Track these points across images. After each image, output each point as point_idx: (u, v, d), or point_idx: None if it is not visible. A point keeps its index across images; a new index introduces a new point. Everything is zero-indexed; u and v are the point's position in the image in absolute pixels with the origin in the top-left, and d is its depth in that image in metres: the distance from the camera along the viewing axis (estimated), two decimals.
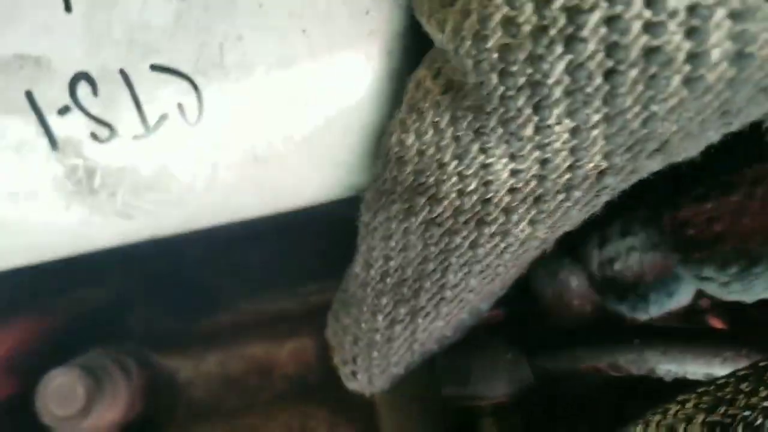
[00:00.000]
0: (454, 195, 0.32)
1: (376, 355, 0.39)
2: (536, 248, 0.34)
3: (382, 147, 0.37)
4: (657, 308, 0.42)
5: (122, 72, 0.37)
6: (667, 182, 0.38)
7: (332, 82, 0.38)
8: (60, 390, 0.52)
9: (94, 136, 0.38)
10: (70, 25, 0.36)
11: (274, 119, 0.39)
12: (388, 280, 0.37)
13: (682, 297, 0.42)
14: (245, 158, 0.41)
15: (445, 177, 0.32)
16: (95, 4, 0.36)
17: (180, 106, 0.38)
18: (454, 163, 0.31)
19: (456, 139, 0.30)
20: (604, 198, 0.31)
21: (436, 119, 0.31)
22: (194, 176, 0.41)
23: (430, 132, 0.31)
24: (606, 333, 0.43)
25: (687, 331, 0.39)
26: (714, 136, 0.28)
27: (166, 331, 0.67)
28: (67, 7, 0.37)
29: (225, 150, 0.40)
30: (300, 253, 0.77)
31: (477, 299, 0.38)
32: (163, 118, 0.38)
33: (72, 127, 0.38)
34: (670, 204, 0.37)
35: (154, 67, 0.37)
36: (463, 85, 0.29)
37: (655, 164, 0.29)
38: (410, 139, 0.33)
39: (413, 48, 0.38)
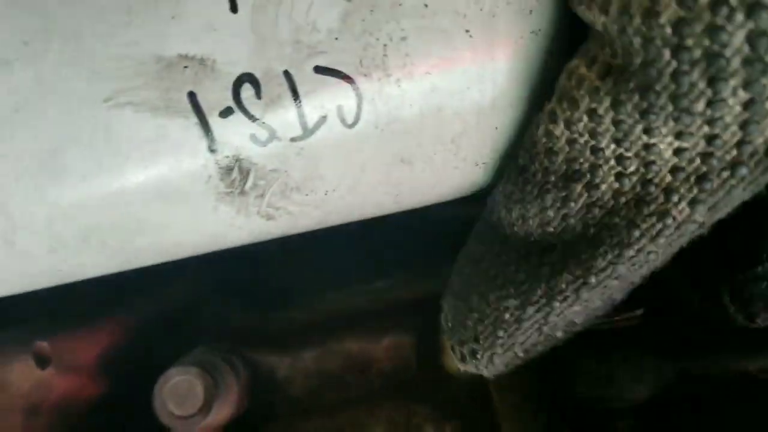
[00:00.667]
0: (612, 178, 0.32)
1: (501, 335, 0.39)
2: (691, 233, 0.34)
3: (526, 141, 0.37)
4: None
5: (286, 74, 0.37)
6: None
7: (488, 83, 0.39)
8: (178, 389, 0.52)
9: (253, 138, 0.38)
10: (235, 25, 0.36)
11: (427, 120, 0.39)
12: (532, 258, 0.37)
13: None
14: (393, 160, 0.41)
15: (601, 162, 0.32)
16: (262, 4, 0.36)
17: (339, 108, 0.38)
18: (612, 146, 0.31)
19: (616, 123, 0.30)
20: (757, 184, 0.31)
21: (593, 105, 0.31)
22: (342, 178, 0.41)
23: (585, 120, 0.32)
24: (754, 338, 0.43)
25: None
26: None
27: (253, 328, 0.67)
28: (233, 8, 0.36)
29: (376, 152, 0.40)
30: (383, 250, 0.77)
31: (618, 287, 0.37)
32: (322, 119, 0.38)
33: (233, 129, 0.38)
34: None
35: (318, 69, 0.37)
36: (627, 67, 0.29)
37: None
38: (559, 129, 0.33)
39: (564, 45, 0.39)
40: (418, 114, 0.39)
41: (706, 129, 0.28)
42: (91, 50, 0.37)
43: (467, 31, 0.37)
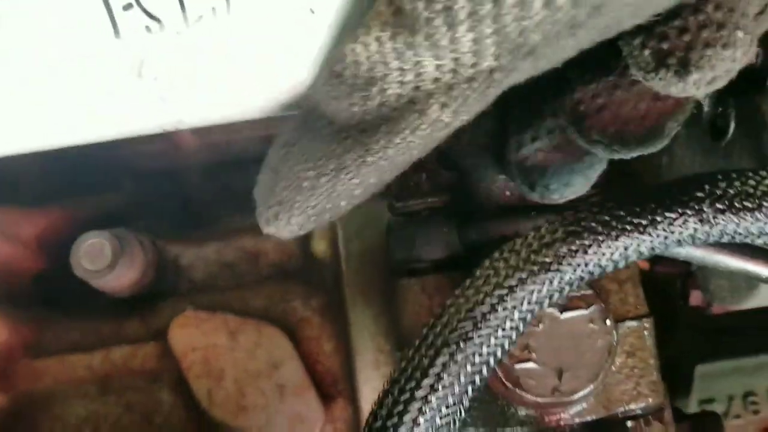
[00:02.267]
0: (396, 84, 0.41)
1: (299, 198, 0.47)
2: (441, 130, 0.43)
3: (340, 53, 0.44)
4: (558, 195, 0.56)
5: None
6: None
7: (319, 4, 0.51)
8: (92, 248, 0.65)
9: (147, 29, 0.51)
10: None
11: (283, 20, 0.52)
12: (332, 143, 0.46)
13: (577, 188, 0.56)
14: (258, 54, 0.54)
15: (389, 72, 0.41)
16: None
17: (213, 9, 0.51)
18: (395, 62, 0.40)
19: (394, 48, 0.40)
20: (494, 91, 0.41)
21: (379, 35, 0.40)
22: (217, 66, 0.54)
23: (375, 43, 0.41)
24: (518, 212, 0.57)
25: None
26: (570, 43, 0.39)
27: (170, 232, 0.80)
28: None
29: (243, 47, 0.53)
30: None
31: (388, 168, 0.46)
32: (200, 17, 0.51)
33: (131, 20, 0.50)
34: (571, 93, 0.51)
35: None
36: (403, 11, 0.38)
37: (527, 65, 0.40)
38: (359, 47, 0.41)
39: None
40: (275, 18, 0.51)
41: (452, 54, 0.38)
42: None
43: None
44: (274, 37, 0.52)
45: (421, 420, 0.46)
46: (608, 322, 0.53)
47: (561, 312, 0.54)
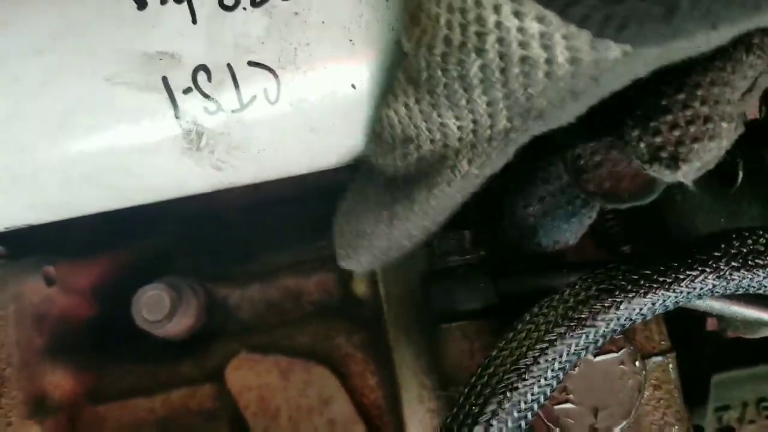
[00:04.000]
0: (428, 142, 0.47)
1: (361, 242, 0.55)
2: (472, 181, 0.49)
3: (380, 118, 0.52)
4: (549, 249, 0.63)
5: (228, 66, 0.54)
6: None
7: (367, 75, 0.56)
8: (151, 299, 0.70)
9: (206, 110, 0.55)
10: (195, 32, 0.54)
11: (326, 101, 0.57)
12: (384, 193, 0.53)
13: (565, 242, 0.62)
14: (304, 129, 0.59)
15: (420, 132, 0.47)
16: (214, 18, 0.54)
17: (265, 90, 0.55)
18: (423, 124, 0.46)
19: (421, 111, 0.46)
20: (512, 148, 0.47)
21: (406, 100, 0.46)
22: (269, 140, 0.59)
23: (403, 109, 0.47)
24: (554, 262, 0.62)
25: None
26: (574, 107, 0.42)
27: (215, 271, 0.85)
28: (194, 21, 0.54)
29: (292, 121, 0.58)
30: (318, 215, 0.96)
31: (436, 214, 0.52)
32: (253, 98, 0.55)
33: (191, 102, 0.55)
34: (573, 148, 0.56)
35: (250, 63, 0.55)
36: (420, 78, 0.44)
37: (538, 126, 0.45)
38: (392, 112, 0.48)
39: None
40: (319, 96, 0.56)
41: (470, 116, 0.43)
42: (99, 44, 0.54)
43: (350, 40, 0.55)
44: (320, 111, 0.57)
45: None
46: (637, 363, 0.59)
47: (594, 356, 0.59)
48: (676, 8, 0.33)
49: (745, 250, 0.49)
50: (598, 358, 0.59)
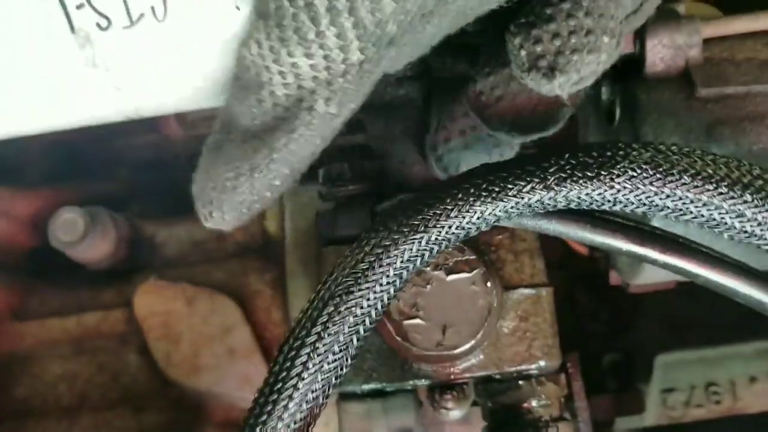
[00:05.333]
0: (281, 86, 0.45)
1: (225, 197, 0.52)
2: (332, 121, 0.47)
3: (237, 59, 0.49)
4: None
5: None
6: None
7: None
8: (65, 221, 0.74)
9: (98, 26, 0.58)
10: None
11: (213, 21, 0.59)
12: (244, 144, 0.50)
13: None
14: (194, 51, 0.61)
15: (272, 75, 0.44)
16: None
17: (153, 8, 0.58)
18: (273, 65, 0.44)
19: (271, 48, 0.43)
20: (368, 80, 0.45)
21: (257, 36, 0.44)
22: (161, 62, 0.61)
23: (255, 46, 0.44)
24: None
25: None
26: (429, 30, 0.43)
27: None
28: None
29: (182, 43, 0.60)
30: None
31: (297, 160, 0.50)
32: (141, 15, 0.58)
33: (85, 18, 0.58)
34: (474, 84, 0.54)
35: None
36: (268, 9, 0.42)
37: (393, 53, 0.44)
38: (245, 51, 0.46)
39: None
40: (205, 16, 0.58)
41: (320, 51, 0.41)
42: None
43: None
44: (206, 31, 0.59)
45: (310, 364, 0.52)
46: (489, 284, 0.59)
47: (447, 274, 0.59)
48: None
49: (573, 162, 0.49)
50: (450, 277, 0.59)
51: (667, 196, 0.48)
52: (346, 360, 0.53)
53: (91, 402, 0.76)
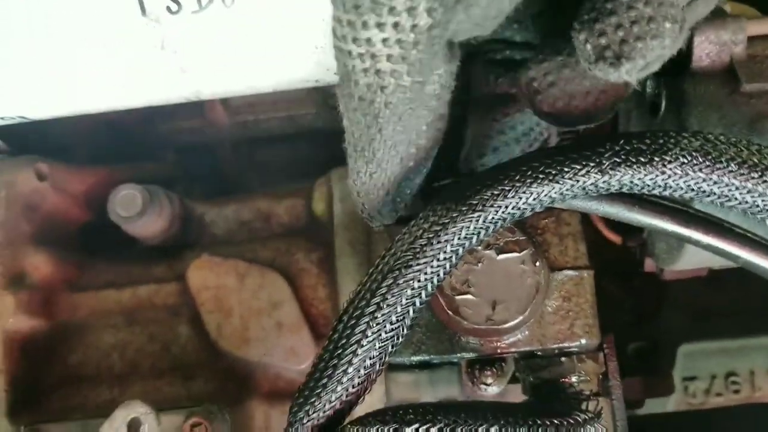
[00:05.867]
0: (362, 75, 0.47)
1: (370, 198, 0.58)
2: (422, 90, 0.50)
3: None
4: None
5: None
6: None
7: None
8: (125, 197, 0.78)
9: (168, 9, 0.61)
10: None
11: (282, 7, 0.62)
12: (357, 146, 0.54)
13: None
14: (261, 35, 0.64)
15: (353, 62, 0.47)
16: None
17: None
18: (354, 47, 0.46)
19: (349, 22, 0.45)
20: (439, 47, 0.47)
21: (338, 13, 0.45)
22: (227, 44, 0.65)
23: (338, 26, 0.46)
24: None
25: None
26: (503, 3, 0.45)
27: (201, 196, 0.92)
28: None
29: (249, 28, 0.63)
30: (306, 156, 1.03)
31: (408, 144, 0.54)
32: (210, 0, 0.62)
33: (155, 1, 0.61)
34: (526, 71, 0.56)
35: None
36: None
37: (461, 16, 0.44)
38: (334, 34, 0.47)
39: None
40: (276, 3, 0.61)
41: (391, 18, 0.43)
42: None
43: None
44: (277, 18, 0.62)
45: (369, 332, 0.55)
46: (538, 263, 0.62)
47: (497, 254, 0.63)
48: None
49: (628, 148, 0.52)
50: (501, 257, 0.63)
51: (715, 183, 0.51)
52: (402, 330, 0.56)
53: (141, 370, 0.79)
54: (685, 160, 0.51)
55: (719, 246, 0.55)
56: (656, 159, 0.52)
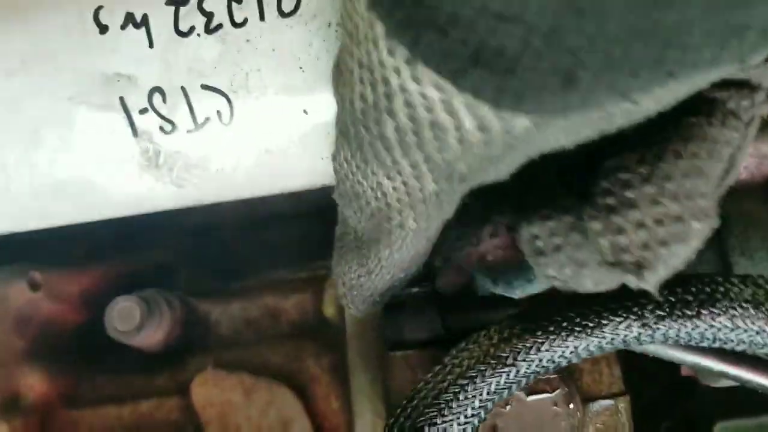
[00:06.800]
0: (373, 200, 0.46)
1: (354, 292, 0.56)
2: (425, 232, 0.48)
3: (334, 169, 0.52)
4: (520, 291, 0.60)
5: (182, 88, 0.56)
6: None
7: (319, 102, 0.57)
8: (122, 311, 0.73)
9: (162, 129, 0.57)
10: (151, 56, 0.56)
11: (279, 125, 0.58)
12: (356, 244, 0.54)
13: (540, 285, 0.60)
14: (260, 150, 0.60)
15: (364, 189, 0.46)
16: (168, 44, 0.56)
17: (219, 112, 0.57)
18: (362, 181, 0.45)
19: (357, 166, 0.44)
20: (447, 206, 0.45)
21: (345, 154, 0.45)
22: (225, 160, 0.60)
23: (345, 162, 0.46)
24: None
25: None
26: (499, 170, 0.40)
27: (203, 285, 0.87)
28: (150, 45, 0.56)
29: (247, 143, 0.59)
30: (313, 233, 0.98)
31: (405, 264, 0.53)
32: (207, 119, 0.57)
33: (148, 122, 0.57)
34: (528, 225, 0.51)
35: (204, 86, 0.56)
36: (349, 133, 0.43)
37: (463, 188, 0.42)
38: (336, 164, 0.48)
39: None
40: (272, 119, 0.57)
41: (399, 177, 0.41)
42: (63, 66, 0.57)
43: (300, 68, 0.56)
44: (280, 133, 0.58)
45: None
46: (572, 405, 0.57)
47: (527, 395, 0.58)
48: (573, 79, 0.30)
49: (673, 300, 0.47)
50: (531, 398, 0.58)
51: None
52: None
53: None
54: (736, 313, 0.46)
55: None
56: (704, 312, 0.47)
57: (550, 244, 0.48)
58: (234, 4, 0.55)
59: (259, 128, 0.58)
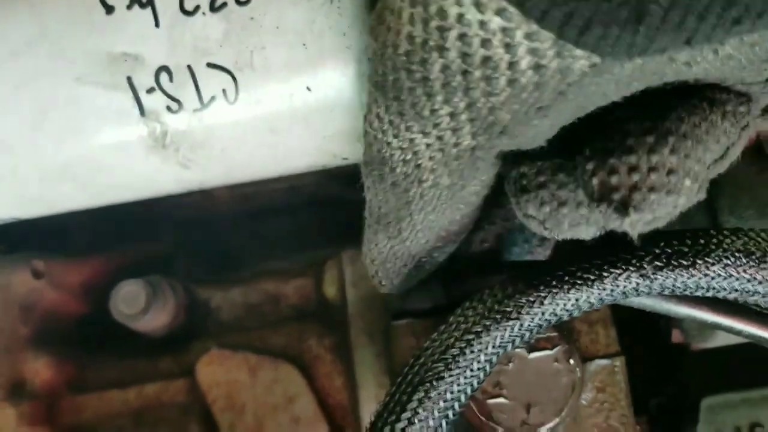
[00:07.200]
0: (402, 163, 0.45)
1: (387, 266, 0.56)
2: (460, 191, 0.48)
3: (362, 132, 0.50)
4: (518, 253, 0.63)
5: (189, 67, 0.57)
6: None
7: (322, 80, 0.59)
8: (128, 294, 0.74)
9: (168, 109, 0.58)
10: (157, 35, 0.57)
11: (283, 102, 0.59)
12: (381, 221, 0.53)
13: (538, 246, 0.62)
14: (264, 129, 0.61)
15: (393, 151, 0.45)
16: (174, 22, 0.57)
17: (224, 91, 0.58)
18: (394, 140, 0.44)
19: (390, 122, 0.43)
20: (483, 164, 0.45)
21: (377, 110, 0.44)
22: (231, 140, 0.62)
23: (376, 121, 0.45)
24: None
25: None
26: (541, 125, 0.40)
27: (203, 275, 0.89)
28: (157, 24, 0.57)
29: (251, 122, 0.61)
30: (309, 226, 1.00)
31: (424, 235, 0.53)
32: (212, 98, 0.58)
33: (155, 101, 0.58)
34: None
35: (209, 65, 0.57)
36: (386, 82, 0.41)
37: (504, 142, 0.41)
38: (367, 125, 0.46)
39: None
40: (276, 98, 0.59)
41: (435, 131, 0.41)
42: (70, 47, 0.58)
43: (304, 44, 0.57)
44: (285, 112, 0.60)
45: None
46: (572, 361, 0.59)
47: (529, 352, 0.60)
48: (644, 13, 0.30)
49: (669, 251, 0.49)
50: (533, 355, 0.60)
51: (760, 283, 0.49)
52: None
53: None
54: (729, 261, 0.49)
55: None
56: (699, 261, 0.49)
57: (534, 181, 0.48)
58: None
59: (264, 106, 0.59)
